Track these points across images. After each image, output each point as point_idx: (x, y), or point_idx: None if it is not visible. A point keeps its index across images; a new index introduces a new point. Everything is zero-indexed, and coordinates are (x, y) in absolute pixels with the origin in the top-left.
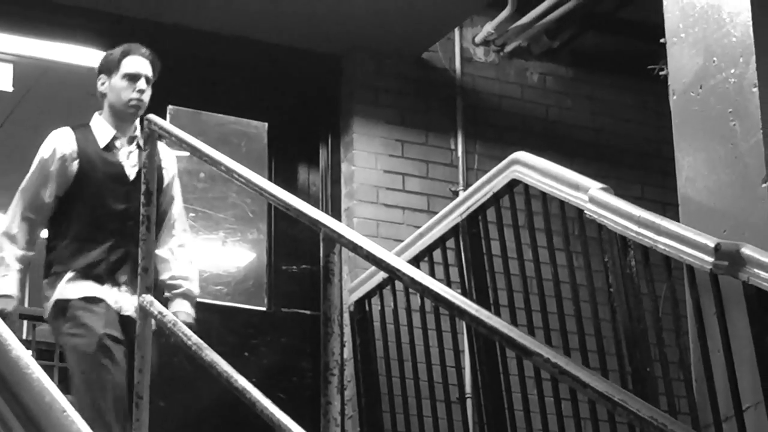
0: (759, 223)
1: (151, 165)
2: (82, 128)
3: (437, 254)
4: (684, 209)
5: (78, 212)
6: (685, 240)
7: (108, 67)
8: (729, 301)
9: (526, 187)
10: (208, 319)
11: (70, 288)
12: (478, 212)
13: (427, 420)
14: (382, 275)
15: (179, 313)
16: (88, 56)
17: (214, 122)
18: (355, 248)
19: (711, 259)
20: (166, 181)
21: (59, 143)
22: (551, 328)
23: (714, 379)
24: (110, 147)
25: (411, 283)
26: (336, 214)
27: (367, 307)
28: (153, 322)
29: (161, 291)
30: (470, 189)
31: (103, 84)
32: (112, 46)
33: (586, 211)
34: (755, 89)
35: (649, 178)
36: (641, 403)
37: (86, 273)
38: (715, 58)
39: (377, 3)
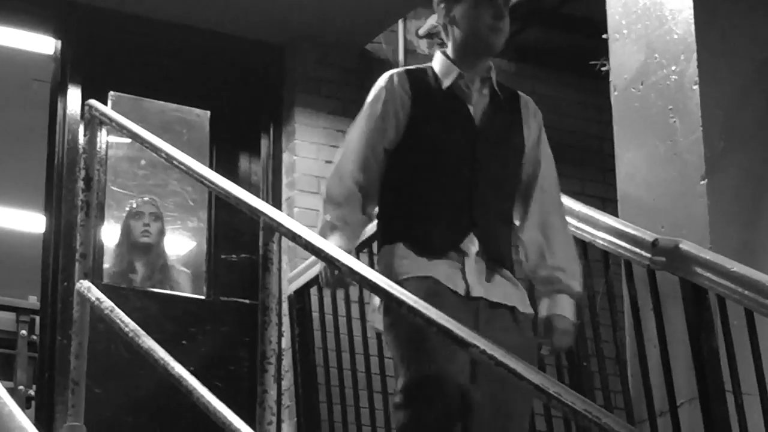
0: (697, 219)
1: (91, 150)
2: (420, 69)
3: (376, 246)
4: (623, 205)
5: (409, 168)
6: (624, 235)
7: None
8: (666, 297)
9: None
10: (146, 307)
11: (406, 265)
12: None
13: (364, 411)
14: (321, 265)
15: (555, 318)
16: (30, 41)
17: (156, 109)
18: (294, 237)
19: (649, 255)
20: (530, 139)
21: (388, 85)
22: None
23: (649, 375)
24: (454, 88)
25: (349, 273)
26: (277, 204)
27: (306, 297)
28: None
29: (532, 284)
30: None
31: (446, 14)
32: (55, 31)
33: None
34: (696, 86)
35: (589, 173)
36: (576, 396)
37: (420, 244)
38: (656, 55)
39: None
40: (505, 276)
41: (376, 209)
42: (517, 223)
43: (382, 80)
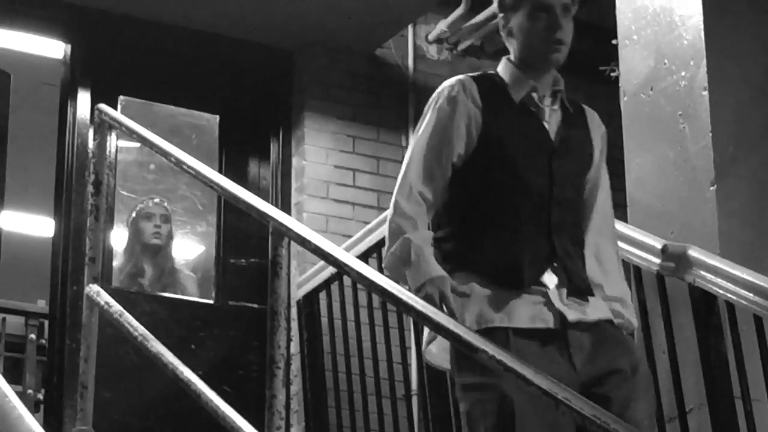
0: (706, 225)
1: (101, 154)
2: (486, 77)
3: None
4: (632, 210)
5: (480, 188)
6: (633, 241)
7: (508, 2)
8: (675, 303)
9: None
10: (155, 311)
11: (487, 313)
12: None
13: (373, 416)
14: (330, 270)
15: None
16: (40, 45)
17: (165, 114)
18: (304, 242)
19: (658, 261)
20: (595, 158)
21: (457, 94)
22: None
23: (658, 381)
24: (527, 102)
25: (358, 278)
26: (286, 209)
27: (314, 302)
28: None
29: None
30: None
31: (505, 25)
32: (65, 35)
33: None
34: (705, 92)
35: None
36: (584, 401)
37: (496, 276)
38: (666, 61)
39: None
40: (588, 300)
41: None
42: None
43: (447, 87)
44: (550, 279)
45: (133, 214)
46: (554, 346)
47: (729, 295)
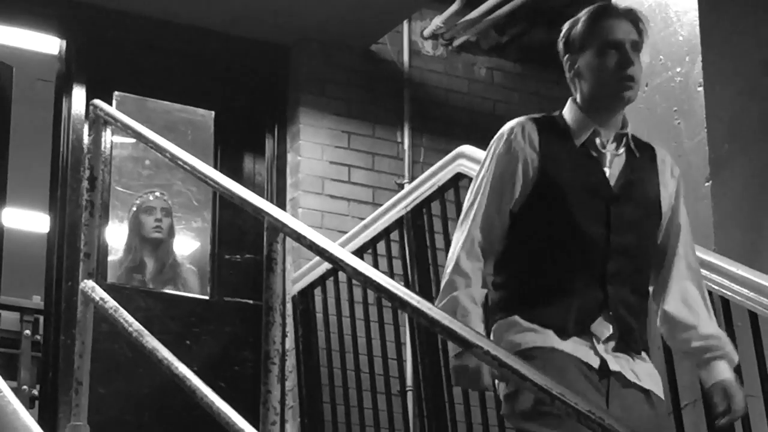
0: (702, 221)
1: (96, 150)
2: (548, 119)
3: (381, 246)
4: None
5: (534, 235)
6: None
7: (575, 41)
8: None
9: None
10: (150, 306)
11: (530, 336)
12: (422, 205)
13: (368, 412)
14: (325, 266)
15: (730, 384)
16: (35, 41)
17: (160, 110)
18: (299, 237)
19: None
20: (667, 201)
21: (516, 138)
22: None
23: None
24: (588, 146)
25: (353, 274)
26: (281, 205)
27: (310, 298)
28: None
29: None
30: (415, 182)
31: (571, 66)
32: (60, 31)
33: None
34: (700, 88)
35: None
36: (579, 396)
37: (543, 324)
38: (661, 57)
39: None
40: (641, 358)
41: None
42: (652, 291)
43: (507, 131)
44: (601, 329)
45: (134, 208)
46: (596, 382)
47: (724, 291)
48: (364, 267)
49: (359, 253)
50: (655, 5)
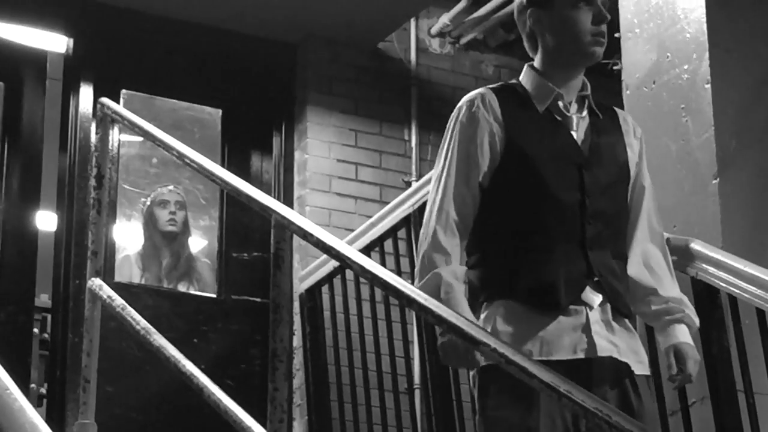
0: (709, 218)
1: (103, 148)
2: (507, 87)
3: (388, 244)
4: None
5: (508, 207)
6: None
7: None
8: None
9: None
10: (158, 305)
11: (512, 330)
12: None
13: (375, 410)
14: (333, 264)
15: (686, 347)
16: (43, 39)
17: (168, 108)
18: (306, 235)
19: None
20: (634, 162)
21: (476, 110)
22: None
23: (661, 374)
24: (552, 110)
25: (361, 271)
26: (288, 202)
27: (317, 296)
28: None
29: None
30: (423, 179)
31: (535, 20)
32: (67, 29)
33: None
34: (708, 85)
35: None
36: (586, 393)
37: (532, 299)
38: (668, 54)
39: None
40: (626, 327)
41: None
42: None
43: (467, 102)
44: (593, 297)
45: (148, 202)
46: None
47: (732, 289)
48: (371, 264)
49: (366, 251)
50: (662, 2)
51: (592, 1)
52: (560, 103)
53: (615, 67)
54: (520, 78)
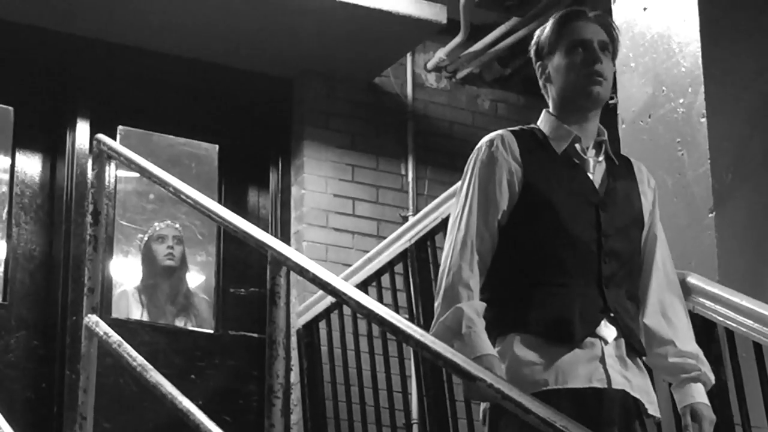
0: (705, 252)
1: (99, 184)
2: (526, 131)
3: (386, 279)
4: None
5: (525, 244)
6: None
7: (543, 46)
8: None
9: None
10: (155, 341)
11: (538, 371)
12: (426, 238)
13: None
14: (330, 299)
15: (703, 407)
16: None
17: (164, 143)
18: (302, 271)
19: None
20: (647, 211)
21: (495, 151)
22: None
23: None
24: (570, 153)
25: (357, 307)
26: (285, 238)
27: (314, 331)
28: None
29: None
30: (420, 214)
31: (542, 72)
32: (62, 64)
33: None
34: (703, 119)
35: None
36: (584, 430)
37: (546, 332)
38: (664, 88)
39: (329, 27)
40: (639, 366)
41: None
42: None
43: (486, 142)
44: (608, 331)
45: (145, 237)
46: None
47: (728, 323)
48: (367, 300)
49: (363, 286)
50: (658, 36)
51: (588, 45)
52: (578, 146)
53: (611, 101)
54: (538, 122)
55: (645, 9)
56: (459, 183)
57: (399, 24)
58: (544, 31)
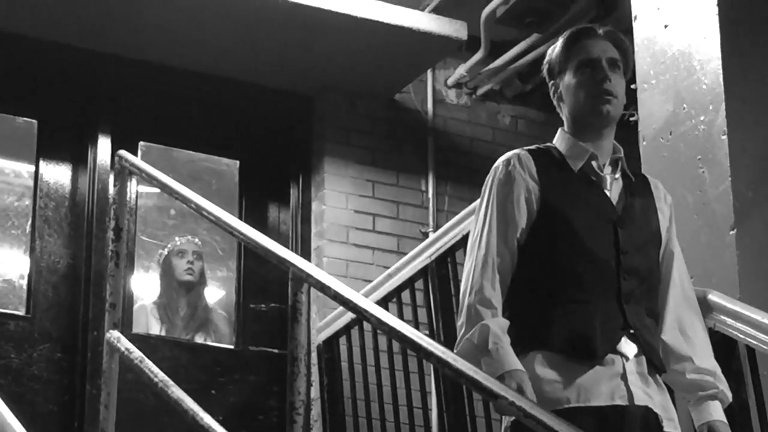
0: (726, 270)
1: (121, 200)
2: (542, 149)
3: (406, 295)
4: None
5: (544, 262)
6: None
7: (554, 66)
8: None
9: None
10: (176, 356)
11: (559, 389)
12: (447, 254)
13: None
14: (350, 315)
15: (721, 426)
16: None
17: (185, 159)
18: (323, 288)
19: None
20: (664, 227)
21: (516, 166)
22: None
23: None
24: (587, 170)
25: (378, 324)
26: (306, 254)
27: (335, 347)
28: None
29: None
30: (440, 230)
31: (555, 92)
32: (83, 81)
33: None
34: (724, 136)
35: None
36: None
37: (567, 349)
38: (685, 105)
39: (350, 43)
40: (659, 383)
41: None
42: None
43: (503, 162)
44: (628, 348)
45: (165, 252)
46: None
47: (750, 340)
48: (387, 317)
49: (384, 302)
50: (678, 54)
51: (596, 63)
52: (594, 164)
53: (632, 119)
54: (554, 141)
55: (666, 26)
56: (477, 202)
57: (419, 40)
58: (554, 51)
